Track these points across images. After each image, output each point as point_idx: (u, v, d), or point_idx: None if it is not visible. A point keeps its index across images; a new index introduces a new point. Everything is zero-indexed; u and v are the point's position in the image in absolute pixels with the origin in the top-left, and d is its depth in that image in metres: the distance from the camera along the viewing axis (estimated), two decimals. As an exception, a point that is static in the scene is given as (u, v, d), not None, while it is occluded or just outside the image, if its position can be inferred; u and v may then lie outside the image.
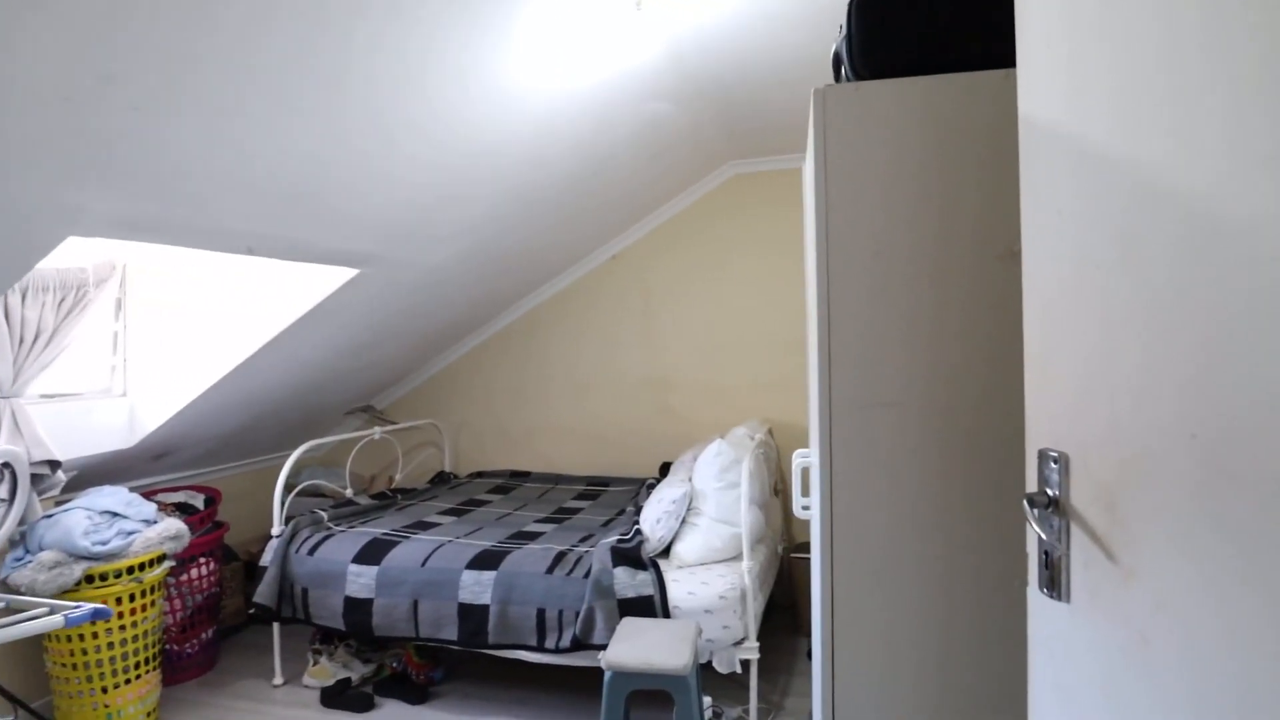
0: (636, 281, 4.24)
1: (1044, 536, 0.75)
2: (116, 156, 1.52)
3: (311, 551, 2.98)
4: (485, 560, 2.76)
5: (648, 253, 4.21)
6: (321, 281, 2.78)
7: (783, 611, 3.52)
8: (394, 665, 3.10)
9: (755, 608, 2.56)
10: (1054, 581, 0.75)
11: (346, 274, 2.73)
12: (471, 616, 2.69)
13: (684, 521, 2.75)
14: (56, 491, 2.85)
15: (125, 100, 1.34)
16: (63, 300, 2.69)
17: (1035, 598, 0.80)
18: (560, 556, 2.73)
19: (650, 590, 2.51)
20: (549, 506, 3.61)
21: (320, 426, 4.42)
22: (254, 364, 3.03)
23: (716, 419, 4.09)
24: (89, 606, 1.48)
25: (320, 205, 2.12)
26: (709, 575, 2.57)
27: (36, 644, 2.76)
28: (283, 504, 3.20)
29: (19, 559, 2.54)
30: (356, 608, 2.82)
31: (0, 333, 2.49)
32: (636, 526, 2.80)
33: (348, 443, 4.20)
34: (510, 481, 4.19)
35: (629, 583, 2.53)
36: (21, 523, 2.58)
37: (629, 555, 2.61)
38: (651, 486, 3.56)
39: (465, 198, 2.59)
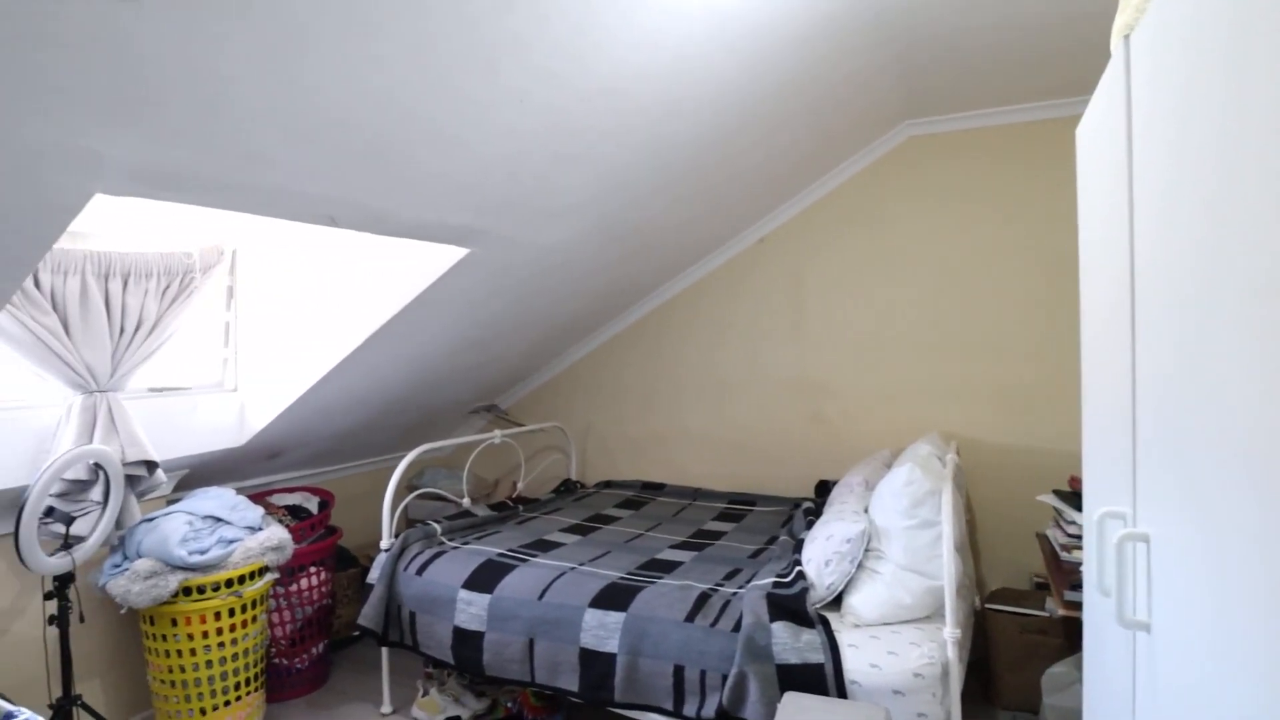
0: (788, 268, 3.65)
1: None
2: (131, 83, 1.15)
3: (420, 571, 2.64)
4: (612, 598, 2.29)
5: (801, 234, 3.61)
6: (429, 264, 2.42)
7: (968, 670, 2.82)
8: (509, 706, 2.71)
9: (958, 688, 1.93)
10: None
11: (455, 254, 2.34)
12: (595, 665, 2.23)
13: (860, 566, 2.15)
14: (165, 491, 2.67)
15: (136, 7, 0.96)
16: (167, 288, 2.48)
17: None
18: (702, 600, 2.22)
19: (819, 656, 1.94)
20: (685, 528, 3.11)
21: (441, 426, 4.15)
22: (362, 358, 2.72)
23: (882, 431, 3.44)
24: (24, 717, 1.14)
25: (405, 163, 1.71)
26: (897, 641, 1.97)
27: (141, 655, 2.58)
28: (393, 513, 2.89)
29: (117, 565, 2.34)
30: (466, 641, 2.44)
31: (99, 321, 2.29)
32: (798, 568, 2.24)
33: (468, 445, 3.90)
34: (641, 495, 3.72)
35: (791, 644, 1.98)
36: (119, 526, 2.39)
37: (790, 607, 2.05)
38: (808, 511, 2.97)
39: (586, 156, 2.12)
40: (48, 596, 2.10)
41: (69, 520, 2.15)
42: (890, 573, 2.09)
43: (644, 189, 2.56)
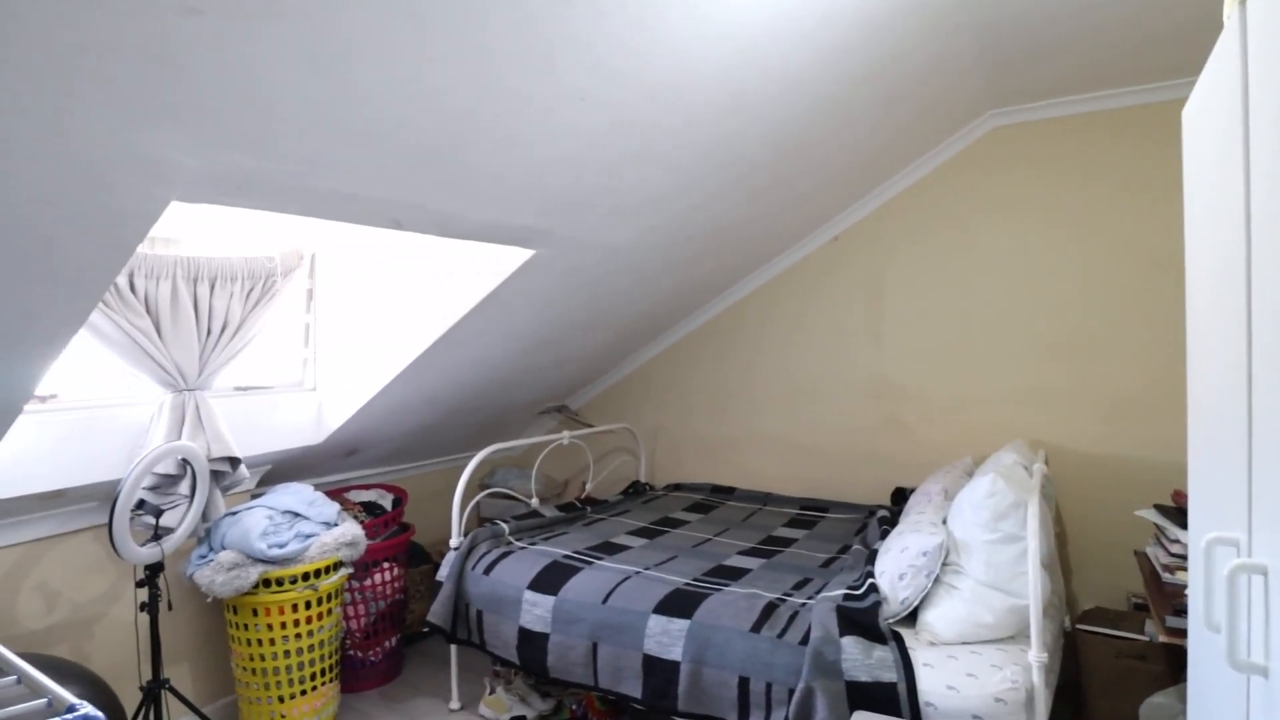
0: (865, 266, 3.52)
1: None
2: (196, 92, 1.18)
3: (488, 570, 2.66)
4: (676, 604, 2.25)
5: (879, 231, 3.47)
6: (496, 266, 2.43)
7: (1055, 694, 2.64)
8: (574, 708, 2.70)
9: (1045, 715, 1.80)
10: None
11: (521, 256, 2.35)
12: (658, 672, 2.19)
13: (937, 580, 2.04)
14: (248, 486, 2.78)
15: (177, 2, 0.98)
16: (250, 290, 2.58)
17: None
18: (769, 610, 2.14)
19: (892, 675, 1.85)
20: (755, 534, 3.03)
21: (512, 426, 4.19)
22: (433, 358, 2.77)
23: (963, 437, 3.27)
24: (83, 712, 1.16)
25: (464, 165, 1.71)
26: (976, 663, 1.85)
27: (225, 642, 2.70)
28: (462, 511, 2.93)
29: (203, 556, 2.45)
30: (530, 641, 2.45)
31: (188, 322, 2.40)
32: (871, 580, 2.14)
33: (538, 445, 3.92)
34: (711, 499, 3.66)
35: (861, 660, 1.88)
36: (205, 519, 2.50)
37: (861, 621, 1.96)
38: (883, 519, 2.85)
39: (649, 156, 2.08)
40: (139, 584, 2.21)
41: (159, 512, 2.26)
42: (970, 589, 1.97)
43: (712, 187, 2.51)
